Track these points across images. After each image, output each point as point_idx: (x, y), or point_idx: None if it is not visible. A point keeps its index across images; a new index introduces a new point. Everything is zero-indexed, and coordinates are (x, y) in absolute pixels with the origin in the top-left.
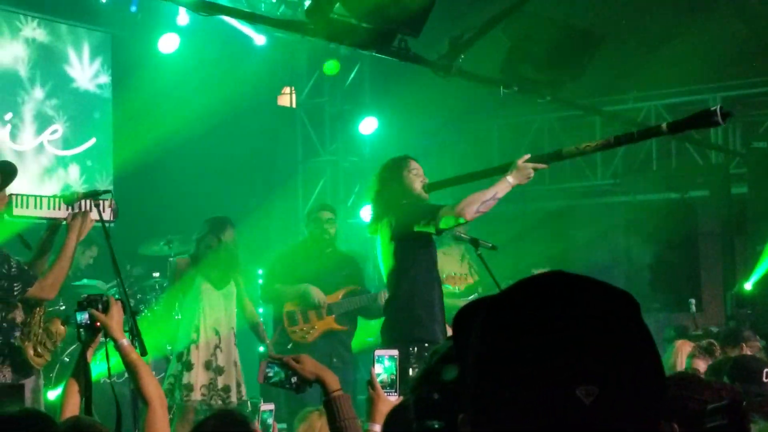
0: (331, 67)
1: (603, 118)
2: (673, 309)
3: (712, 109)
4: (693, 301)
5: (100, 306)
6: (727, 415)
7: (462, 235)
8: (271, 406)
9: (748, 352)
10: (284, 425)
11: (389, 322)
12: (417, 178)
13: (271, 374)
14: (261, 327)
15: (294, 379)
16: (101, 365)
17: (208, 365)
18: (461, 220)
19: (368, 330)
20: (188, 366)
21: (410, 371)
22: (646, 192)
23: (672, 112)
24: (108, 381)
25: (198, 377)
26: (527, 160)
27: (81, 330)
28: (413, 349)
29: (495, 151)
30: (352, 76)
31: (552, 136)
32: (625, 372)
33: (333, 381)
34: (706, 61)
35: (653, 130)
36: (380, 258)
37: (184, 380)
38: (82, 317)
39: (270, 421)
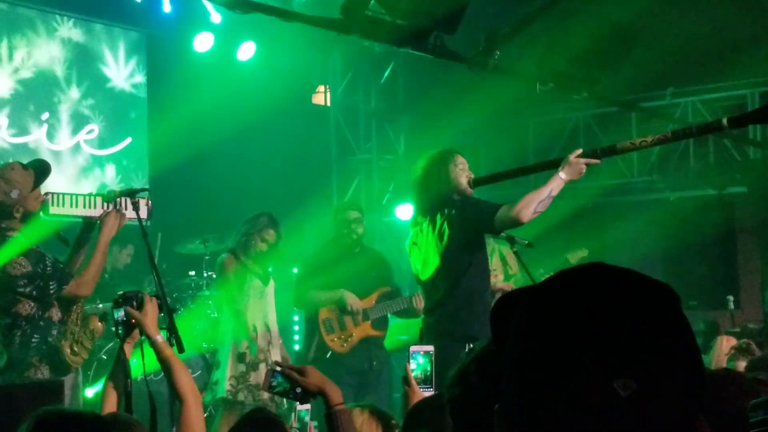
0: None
1: (639, 115)
2: (710, 306)
3: None
4: (731, 298)
5: (135, 303)
6: None
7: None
8: (308, 406)
9: None
10: (316, 423)
11: (446, 320)
12: (463, 173)
13: (275, 384)
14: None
15: (298, 390)
16: (137, 363)
17: (266, 364)
18: (519, 221)
19: (399, 327)
20: (254, 366)
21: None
22: (683, 189)
23: (709, 108)
24: (144, 378)
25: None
26: (579, 155)
27: (118, 327)
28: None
29: (531, 149)
30: (386, 74)
31: (588, 133)
32: (664, 366)
33: (336, 394)
34: (744, 57)
35: (713, 124)
36: (422, 253)
37: (252, 380)
38: (119, 314)
39: (307, 419)
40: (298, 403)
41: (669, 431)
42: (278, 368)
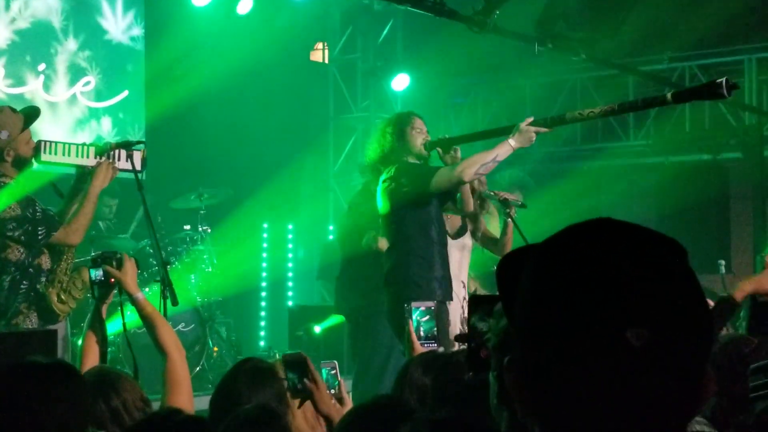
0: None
1: (637, 78)
2: (702, 270)
3: (718, 81)
4: (722, 262)
5: (114, 262)
6: None
7: (490, 193)
8: (333, 364)
9: None
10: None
11: (386, 278)
12: (419, 136)
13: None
14: None
15: (299, 386)
16: (117, 321)
17: None
18: (461, 181)
19: None
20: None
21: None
22: (678, 153)
23: (706, 72)
24: (126, 337)
25: None
26: (530, 124)
27: (95, 286)
28: (407, 307)
29: (528, 110)
30: (385, 32)
31: (585, 95)
32: (675, 316)
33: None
34: (742, 22)
35: (658, 99)
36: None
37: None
38: (97, 274)
39: (333, 375)
40: (322, 362)
41: (679, 380)
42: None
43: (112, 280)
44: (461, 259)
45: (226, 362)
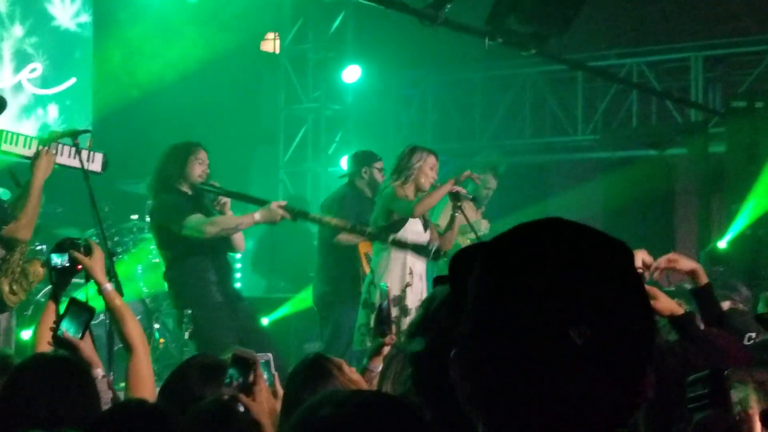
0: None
1: (586, 74)
2: None
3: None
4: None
5: (82, 249)
6: (709, 384)
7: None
8: (268, 356)
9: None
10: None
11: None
12: (200, 167)
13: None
14: None
15: (240, 381)
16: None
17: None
18: (201, 235)
19: None
20: (406, 312)
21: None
22: (625, 148)
23: (654, 69)
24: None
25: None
26: (281, 206)
27: (54, 272)
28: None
29: (478, 103)
30: (336, 23)
31: (535, 89)
32: (617, 315)
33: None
34: (689, 20)
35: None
36: None
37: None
38: (62, 259)
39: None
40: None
41: (621, 377)
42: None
43: (79, 267)
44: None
45: (172, 354)
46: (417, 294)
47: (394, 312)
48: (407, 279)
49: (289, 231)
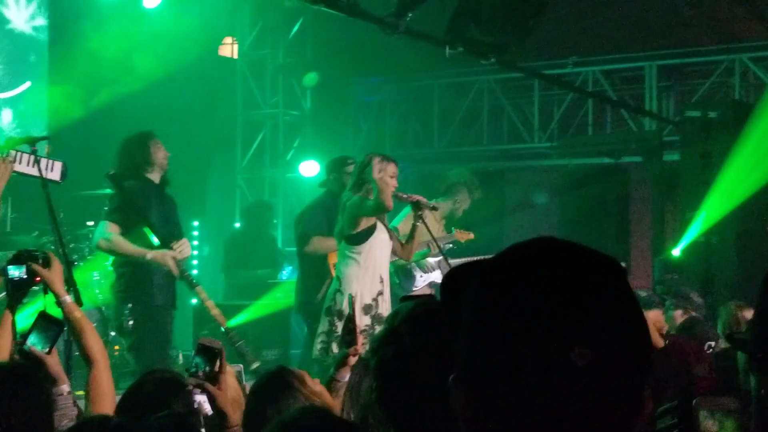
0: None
1: (542, 82)
2: None
3: None
4: (623, 264)
5: (40, 261)
6: (678, 415)
7: (402, 196)
8: (239, 368)
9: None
10: None
11: None
12: (162, 151)
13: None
14: None
15: (206, 370)
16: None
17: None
18: (95, 237)
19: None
20: (380, 320)
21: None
22: (581, 156)
23: (609, 77)
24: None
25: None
26: (173, 257)
27: (10, 284)
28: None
29: (436, 110)
30: (295, 29)
31: (492, 96)
32: (617, 336)
33: (236, 418)
34: (644, 29)
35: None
36: None
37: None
38: (19, 271)
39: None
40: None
41: (622, 398)
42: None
43: (38, 279)
44: (380, 255)
45: (127, 362)
46: (389, 302)
47: (367, 321)
48: (378, 287)
49: (258, 236)
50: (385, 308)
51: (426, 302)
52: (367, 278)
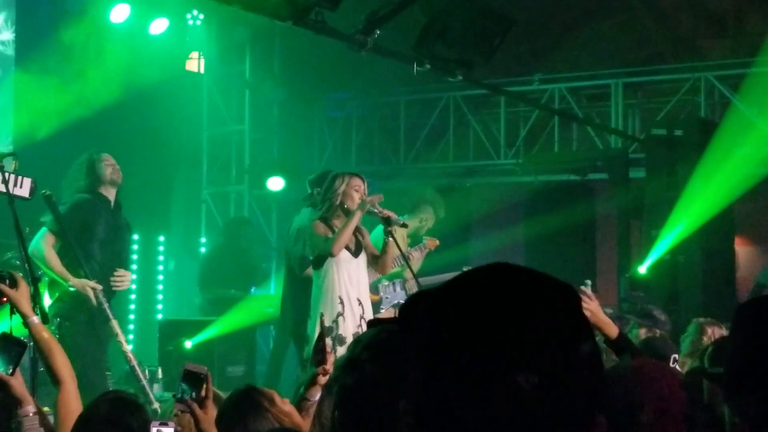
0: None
1: (508, 98)
2: None
3: None
4: (589, 282)
5: (7, 281)
6: None
7: (374, 210)
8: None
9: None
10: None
11: None
12: (109, 167)
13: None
14: None
15: (193, 395)
16: None
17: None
18: (32, 243)
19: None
20: (341, 341)
21: None
22: (547, 173)
23: (575, 95)
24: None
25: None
26: (93, 287)
27: None
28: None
29: (402, 126)
30: (262, 44)
31: (458, 112)
32: (565, 362)
33: None
34: (610, 47)
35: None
36: None
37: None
38: None
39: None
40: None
41: (569, 423)
42: (199, 373)
43: (4, 299)
44: (357, 276)
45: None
46: (356, 319)
47: (328, 342)
48: (338, 309)
49: (237, 253)
50: (353, 326)
51: (390, 328)
52: (327, 300)
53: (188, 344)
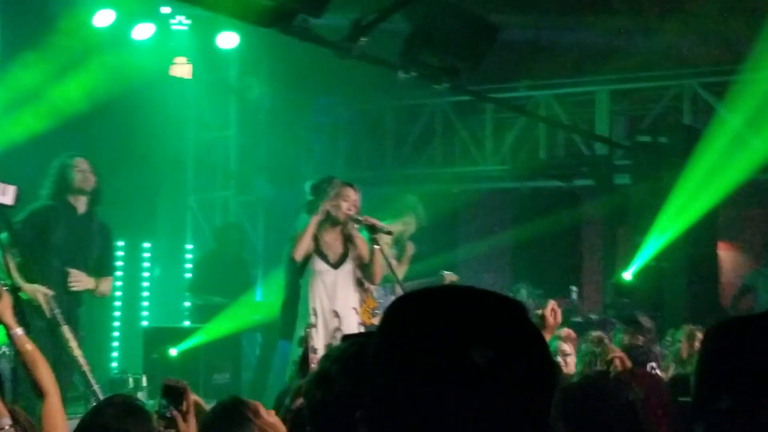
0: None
1: (494, 105)
2: (555, 296)
3: None
4: (575, 288)
5: None
6: None
7: (359, 218)
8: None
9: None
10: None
11: None
12: (80, 174)
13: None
14: None
15: (168, 414)
16: None
17: None
18: None
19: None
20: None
21: None
22: (533, 179)
23: (561, 102)
24: None
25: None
26: (44, 293)
27: None
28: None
29: (389, 132)
30: (249, 50)
31: (445, 119)
32: (518, 341)
33: None
34: (595, 54)
35: None
36: None
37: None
38: None
39: None
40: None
41: (525, 402)
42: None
43: None
44: (335, 288)
45: (77, 386)
46: (330, 332)
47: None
48: (311, 320)
49: (228, 259)
50: (326, 338)
51: (361, 341)
52: (303, 311)
53: (173, 352)
